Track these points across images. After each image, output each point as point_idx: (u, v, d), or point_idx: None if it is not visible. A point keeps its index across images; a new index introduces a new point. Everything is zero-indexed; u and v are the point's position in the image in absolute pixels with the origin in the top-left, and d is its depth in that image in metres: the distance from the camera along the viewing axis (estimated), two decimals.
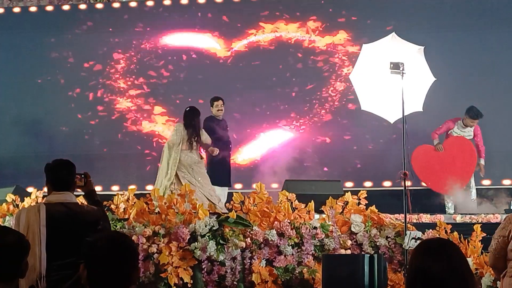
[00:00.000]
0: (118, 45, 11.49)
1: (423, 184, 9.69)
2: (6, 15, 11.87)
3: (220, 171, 9.20)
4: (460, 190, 9.13)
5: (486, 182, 9.73)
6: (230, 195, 8.21)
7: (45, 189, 4.55)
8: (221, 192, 9.08)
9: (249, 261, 6.64)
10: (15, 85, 11.33)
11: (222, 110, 9.35)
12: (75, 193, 4.55)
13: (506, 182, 9.88)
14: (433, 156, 9.40)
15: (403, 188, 6.87)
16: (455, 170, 9.26)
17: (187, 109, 8.88)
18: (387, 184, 10.13)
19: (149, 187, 9.43)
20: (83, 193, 4.71)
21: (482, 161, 9.35)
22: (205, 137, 8.84)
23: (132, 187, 8.00)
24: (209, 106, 9.39)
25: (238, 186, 9.97)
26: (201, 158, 8.81)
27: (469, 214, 8.65)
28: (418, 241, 5.77)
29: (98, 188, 10.27)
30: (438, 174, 9.35)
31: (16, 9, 12.00)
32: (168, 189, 8.30)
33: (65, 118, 11.35)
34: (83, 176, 4.57)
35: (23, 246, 2.80)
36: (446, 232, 6.59)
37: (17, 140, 11.02)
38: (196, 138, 8.64)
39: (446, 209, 9.32)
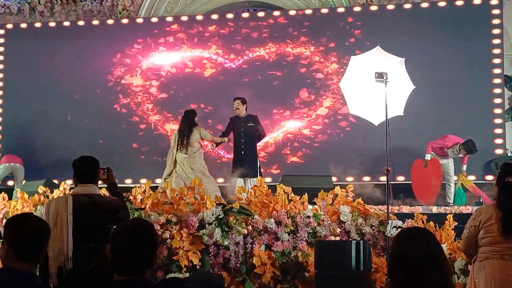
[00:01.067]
0: (135, 54, 11.49)
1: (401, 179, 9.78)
2: (43, 28, 11.87)
3: (232, 164, 9.31)
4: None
5: (471, 178, 9.71)
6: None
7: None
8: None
9: (250, 246, 6.63)
10: (44, 90, 11.30)
11: (238, 108, 9.29)
12: (98, 185, 4.55)
13: (489, 178, 9.85)
14: (421, 170, 9.46)
15: (386, 182, 6.88)
16: (428, 188, 9.30)
17: None
18: (383, 179, 10.12)
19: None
20: (105, 185, 4.71)
21: (464, 167, 9.45)
22: (204, 134, 9.11)
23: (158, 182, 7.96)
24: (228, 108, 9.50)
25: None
26: (194, 152, 8.92)
27: (444, 206, 8.65)
28: (399, 229, 5.77)
29: (128, 181, 10.31)
30: (420, 187, 9.41)
31: (52, 24, 11.98)
32: (164, 182, 8.68)
33: (92, 119, 11.37)
34: (106, 170, 4.58)
35: (45, 231, 2.81)
36: (422, 221, 6.57)
37: (49, 139, 10.97)
38: (185, 138, 8.94)
39: (447, 199, 9.41)
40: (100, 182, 4.57)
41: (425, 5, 10.83)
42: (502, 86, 10.34)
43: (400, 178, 9.70)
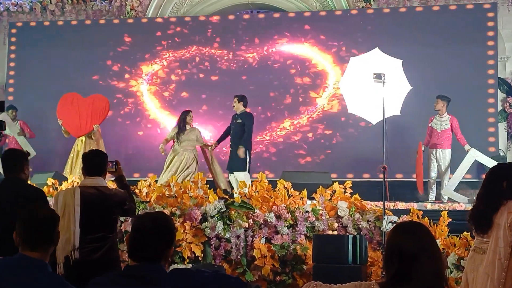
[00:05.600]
0: (147, 55, 11.47)
1: (398, 176, 9.77)
2: (51, 27, 11.88)
3: None
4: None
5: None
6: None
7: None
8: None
9: (251, 239, 6.62)
10: (55, 85, 11.27)
11: (234, 106, 9.27)
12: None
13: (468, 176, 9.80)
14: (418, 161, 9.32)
15: (382, 179, 6.86)
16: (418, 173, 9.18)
17: None
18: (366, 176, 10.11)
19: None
20: (113, 178, 4.72)
21: (467, 147, 9.12)
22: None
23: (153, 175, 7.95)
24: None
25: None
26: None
27: (438, 202, 8.63)
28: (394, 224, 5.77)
29: (136, 175, 10.30)
30: (418, 175, 9.29)
31: (60, 23, 12.02)
32: None
33: None
34: (114, 163, 4.58)
35: (53, 219, 2.80)
36: (418, 217, 6.56)
37: (59, 132, 10.90)
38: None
39: (429, 198, 9.26)
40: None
41: (421, 9, 10.82)
42: (495, 87, 10.33)
43: (397, 176, 9.75)
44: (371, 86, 7.07)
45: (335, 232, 6.67)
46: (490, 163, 8.73)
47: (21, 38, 11.86)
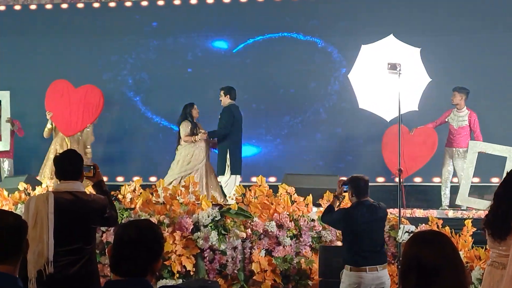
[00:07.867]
0: (129, 43, 11.47)
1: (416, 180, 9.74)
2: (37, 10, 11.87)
3: None
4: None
5: (475, 180, 9.58)
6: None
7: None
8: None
9: (249, 251, 6.64)
10: (34, 77, 11.26)
11: (220, 99, 9.14)
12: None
13: (495, 180, 9.76)
14: (403, 137, 8.92)
15: (398, 183, 6.85)
16: (412, 157, 8.88)
17: None
18: (380, 180, 10.08)
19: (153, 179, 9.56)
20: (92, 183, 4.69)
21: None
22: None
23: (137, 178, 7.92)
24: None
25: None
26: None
27: (462, 210, 8.60)
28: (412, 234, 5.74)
29: (120, 179, 10.30)
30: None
31: (33, 7, 11.99)
32: None
33: None
34: (92, 167, 4.56)
35: (22, 227, 2.77)
36: (438, 227, 6.54)
37: (36, 131, 10.85)
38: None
39: (443, 203, 9.18)
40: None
41: None
42: None
43: (416, 179, 9.73)
44: (385, 78, 7.05)
45: None
46: (497, 150, 8.59)
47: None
